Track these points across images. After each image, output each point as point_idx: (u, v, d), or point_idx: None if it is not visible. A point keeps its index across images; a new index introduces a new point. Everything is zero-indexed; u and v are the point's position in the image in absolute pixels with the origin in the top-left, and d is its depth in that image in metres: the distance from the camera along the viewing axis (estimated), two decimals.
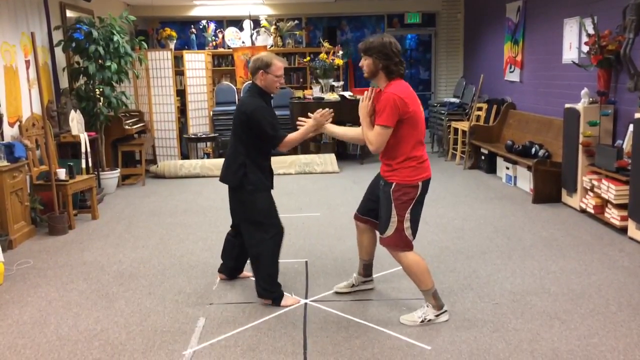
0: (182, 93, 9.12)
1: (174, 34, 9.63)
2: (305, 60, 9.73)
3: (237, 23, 10.29)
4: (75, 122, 6.41)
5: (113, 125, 7.22)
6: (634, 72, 4.96)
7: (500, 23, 8.38)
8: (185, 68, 8.93)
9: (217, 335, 3.19)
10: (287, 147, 3.51)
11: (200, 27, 10.16)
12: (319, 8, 10.29)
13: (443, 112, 9.02)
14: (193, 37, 10.14)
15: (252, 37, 9.99)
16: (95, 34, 6.48)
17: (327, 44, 9.29)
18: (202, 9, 10.07)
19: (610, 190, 4.92)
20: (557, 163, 5.94)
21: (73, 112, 6.45)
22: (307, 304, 3.58)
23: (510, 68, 8.04)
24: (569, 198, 5.79)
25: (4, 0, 5.55)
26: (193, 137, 8.69)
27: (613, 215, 4.93)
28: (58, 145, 6.23)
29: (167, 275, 4.15)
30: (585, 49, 5.60)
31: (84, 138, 6.25)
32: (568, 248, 4.53)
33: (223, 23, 10.48)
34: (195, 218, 5.73)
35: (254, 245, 3.52)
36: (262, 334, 3.19)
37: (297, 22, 10.35)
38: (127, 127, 7.46)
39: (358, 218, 3.61)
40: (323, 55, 8.81)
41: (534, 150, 6.34)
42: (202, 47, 10.21)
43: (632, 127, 4.79)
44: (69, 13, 7.19)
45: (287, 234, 3.85)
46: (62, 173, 5.47)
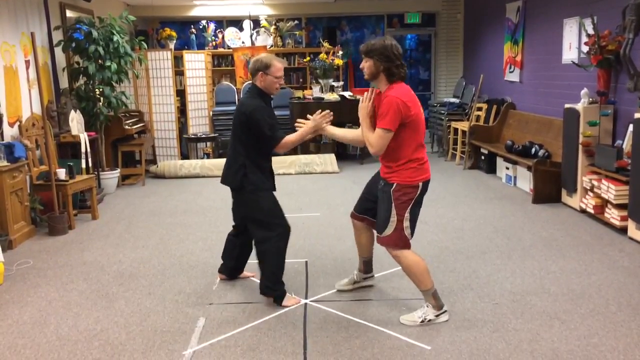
0: (182, 93, 9.12)
1: (174, 34, 9.63)
2: (305, 61, 9.73)
3: (237, 23, 10.28)
4: (75, 122, 6.41)
5: (113, 125, 7.22)
6: (634, 72, 4.96)
7: (500, 23, 8.38)
8: (185, 68, 8.93)
9: (217, 335, 3.19)
10: (284, 148, 3.50)
11: (200, 27, 10.16)
12: (319, 8, 10.29)
13: (443, 112, 9.02)
14: (193, 37, 10.14)
15: (252, 37, 9.99)
16: (95, 34, 6.48)
17: (327, 44, 9.28)
18: (202, 9, 10.07)
19: (610, 191, 4.92)
20: (557, 163, 5.94)
21: (73, 112, 6.45)
22: (307, 304, 3.58)
23: (510, 68, 8.04)
24: (569, 198, 5.79)
25: (4, 0, 5.55)
26: (193, 137, 8.69)
27: (613, 216, 4.93)
28: (58, 145, 6.23)
29: (167, 275, 4.15)
30: (585, 49, 5.60)
31: (84, 138, 6.25)
32: (568, 248, 4.53)
33: (223, 23, 10.48)
34: (195, 218, 5.73)
35: (260, 243, 3.52)
36: (262, 334, 3.19)
37: (297, 22, 10.35)
38: (127, 127, 7.46)
39: (355, 217, 3.63)
40: (323, 56, 8.82)
41: (534, 151, 6.34)
42: (202, 47, 10.21)
43: (631, 127, 4.79)
44: (69, 13, 7.19)
45: None
46: (62, 173, 5.47)
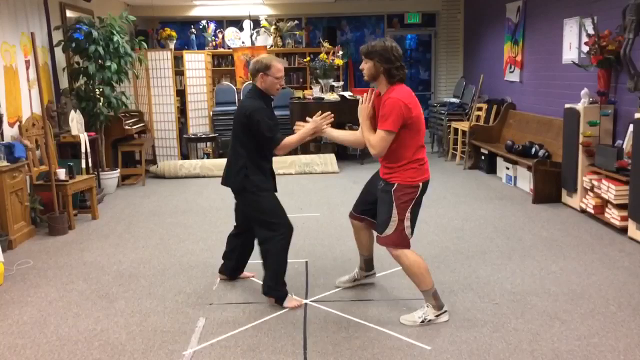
0: (182, 93, 9.11)
1: (174, 34, 9.62)
2: (305, 61, 9.73)
3: (237, 23, 10.29)
4: (75, 122, 6.41)
5: (113, 126, 7.22)
6: (634, 72, 4.96)
7: (500, 23, 8.38)
8: (185, 68, 8.92)
9: (217, 336, 3.19)
10: (284, 150, 3.48)
11: (200, 27, 10.15)
12: (319, 8, 10.29)
13: (443, 112, 9.01)
14: (193, 37, 10.14)
15: (252, 37, 9.98)
16: (95, 34, 6.47)
17: (327, 44, 9.28)
18: (202, 9, 10.07)
19: (610, 191, 4.92)
20: (557, 163, 5.94)
21: (73, 112, 6.45)
22: (307, 304, 3.58)
23: (510, 68, 8.04)
24: (569, 198, 5.79)
25: (4, 0, 5.55)
26: (193, 137, 8.69)
27: (613, 216, 4.93)
28: (58, 146, 6.23)
29: (167, 275, 4.15)
30: (585, 49, 5.60)
31: (84, 138, 6.25)
32: (568, 248, 4.53)
33: (223, 23, 10.48)
34: (195, 218, 5.73)
35: (262, 243, 3.53)
36: (262, 334, 3.19)
37: (297, 22, 10.35)
38: (127, 127, 7.46)
39: (353, 217, 3.65)
40: (323, 56, 8.82)
41: (534, 151, 6.34)
42: (202, 47, 10.21)
43: (632, 127, 4.79)
44: (69, 13, 7.19)
45: None
46: (62, 173, 5.47)
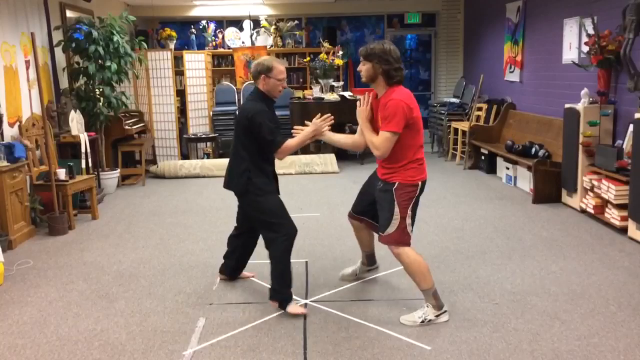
0: (182, 93, 9.11)
1: (174, 34, 9.62)
2: (305, 61, 9.73)
3: (237, 23, 10.29)
4: (75, 122, 6.41)
5: (113, 126, 7.22)
6: (634, 72, 4.96)
7: (500, 23, 8.38)
8: (185, 68, 8.92)
9: (217, 336, 3.19)
10: (284, 154, 3.43)
11: (200, 27, 10.15)
12: (319, 8, 10.29)
13: (443, 112, 9.01)
14: (193, 37, 10.14)
15: (252, 37, 9.98)
16: (95, 34, 6.47)
17: (327, 44, 9.28)
18: (202, 9, 10.07)
19: (610, 191, 4.92)
20: (557, 163, 5.94)
21: (73, 112, 6.45)
22: (307, 304, 3.58)
23: (510, 68, 8.04)
24: (569, 198, 5.79)
25: (4, 0, 5.55)
26: (193, 137, 8.69)
27: (613, 216, 4.93)
28: (58, 146, 6.23)
29: (167, 276, 4.15)
30: (585, 49, 5.60)
31: (84, 138, 6.25)
32: (568, 248, 4.53)
33: (223, 23, 10.48)
34: (195, 218, 5.73)
35: (267, 246, 3.49)
36: (262, 334, 3.19)
37: (297, 22, 10.34)
38: (127, 127, 7.46)
39: (352, 217, 3.72)
40: (323, 56, 8.82)
41: (534, 150, 6.34)
42: (202, 47, 10.21)
43: (632, 127, 4.79)
44: (69, 13, 7.19)
45: None
46: (62, 173, 5.47)
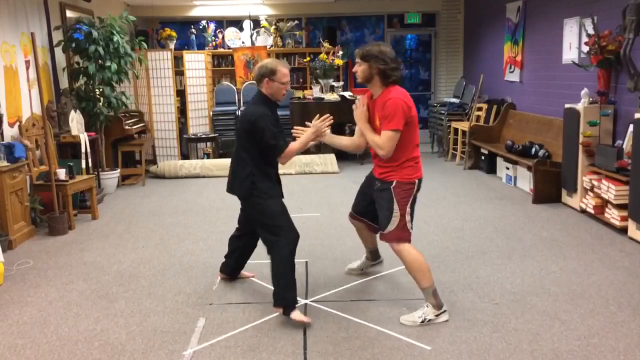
0: (182, 93, 9.11)
1: (174, 34, 9.62)
2: (305, 61, 9.73)
3: (237, 23, 10.28)
4: (75, 122, 6.41)
5: (113, 126, 7.22)
6: (634, 72, 4.95)
7: (500, 23, 8.38)
8: (185, 68, 8.92)
9: (217, 336, 3.19)
10: (287, 158, 3.39)
11: (200, 27, 10.14)
12: (319, 8, 10.28)
13: (443, 112, 9.01)
14: (193, 37, 10.13)
15: (252, 37, 9.98)
16: (95, 34, 6.47)
17: (327, 44, 9.28)
18: (202, 9, 10.06)
19: (610, 191, 4.92)
20: (557, 163, 5.94)
21: (73, 112, 6.45)
22: (307, 304, 3.58)
23: (510, 68, 8.04)
24: (569, 198, 5.79)
25: (4, 0, 5.55)
26: (193, 137, 8.69)
27: (613, 216, 4.93)
28: (58, 146, 6.23)
29: (167, 276, 4.15)
30: (585, 49, 5.60)
31: (84, 138, 6.25)
32: (568, 248, 4.53)
33: (223, 23, 10.48)
34: (195, 218, 5.73)
35: (268, 250, 3.46)
36: (262, 334, 3.19)
37: (297, 22, 10.34)
38: (127, 127, 7.46)
39: (353, 217, 3.79)
40: (323, 56, 8.81)
41: (534, 151, 6.34)
42: (202, 47, 10.20)
43: (632, 127, 4.79)
44: (69, 13, 7.19)
45: None
46: (62, 173, 5.47)
